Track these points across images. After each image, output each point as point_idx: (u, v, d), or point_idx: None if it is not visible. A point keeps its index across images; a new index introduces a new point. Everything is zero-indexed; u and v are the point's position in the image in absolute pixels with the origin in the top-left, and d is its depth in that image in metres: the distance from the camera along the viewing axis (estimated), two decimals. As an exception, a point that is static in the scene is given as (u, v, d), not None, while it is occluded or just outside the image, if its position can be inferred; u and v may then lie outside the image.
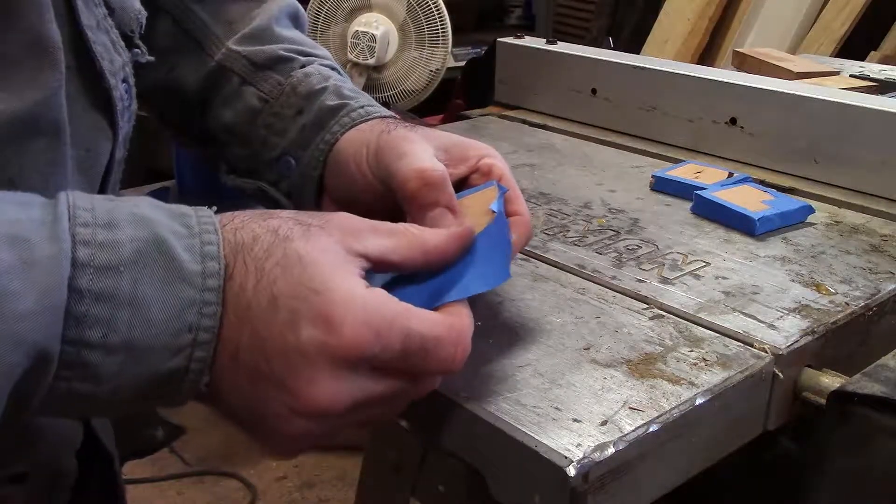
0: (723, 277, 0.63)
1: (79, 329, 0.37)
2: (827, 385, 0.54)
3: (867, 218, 0.76)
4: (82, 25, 0.48)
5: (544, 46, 1.08)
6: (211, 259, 0.39)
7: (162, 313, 0.38)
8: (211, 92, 0.65)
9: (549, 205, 0.78)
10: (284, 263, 0.40)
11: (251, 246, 0.41)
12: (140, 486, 2.08)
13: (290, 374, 0.40)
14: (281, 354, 0.40)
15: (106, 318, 0.37)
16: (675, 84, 0.94)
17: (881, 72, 1.20)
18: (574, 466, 0.42)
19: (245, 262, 0.40)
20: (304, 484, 2.13)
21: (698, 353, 0.53)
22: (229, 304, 0.40)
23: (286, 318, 0.40)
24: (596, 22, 2.86)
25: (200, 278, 0.39)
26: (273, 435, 0.43)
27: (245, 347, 0.40)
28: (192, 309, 0.39)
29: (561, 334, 0.55)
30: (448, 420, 0.49)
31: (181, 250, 0.39)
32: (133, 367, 0.38)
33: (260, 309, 0.40)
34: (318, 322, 0.39)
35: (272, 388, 0.40)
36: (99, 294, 0.37)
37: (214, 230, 0.40)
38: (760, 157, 0.87)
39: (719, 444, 0.52)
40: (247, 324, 0.40)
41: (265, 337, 0.40)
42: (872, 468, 0.52)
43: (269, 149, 0.62)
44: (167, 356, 0.39)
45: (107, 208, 0.39)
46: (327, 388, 0.40)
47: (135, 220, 0.39)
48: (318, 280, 0.40)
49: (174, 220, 0.40)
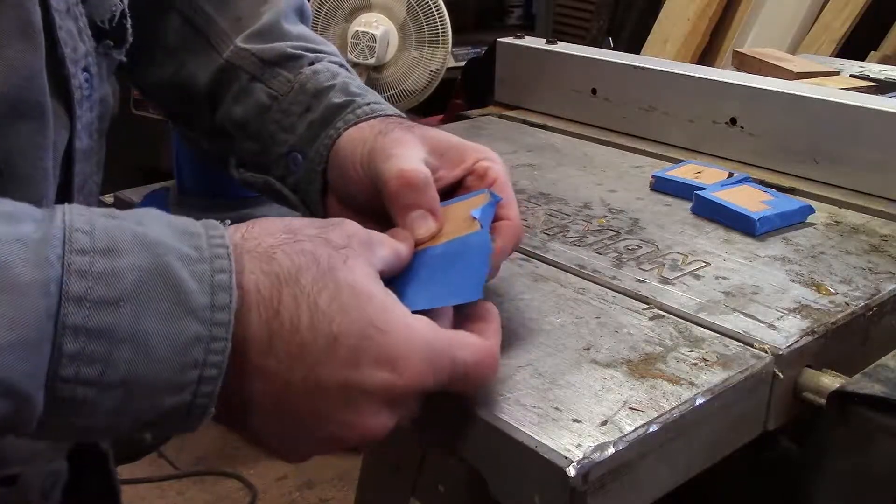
0: (723, 277, 0.63)
1: (74, 367, 0.34)
2: (827, 385, 0.53)
3: (867, 218, 0.76)
4: (52, 9, 0.47)
5: (544, 46, 1.08)
6: (222, 290, 0.37)
7: (165, 350, 0.36)
8: (220, 88, 0.65)
9: (549, 205, 0.78)
10: (340, 300, 0.39)
11: (296, 277, 0.39)
12: (140, 486, 2.08)
13: (350, 411, 0.40)
14: (342, 393, 0.39)
15: (103, 356, 0.35)
16: (675, 84, 0.94)
17: (881, 72, 1.20)
18: (574, 466, 0.42)
19: (296, 298, 0.39)
20: (304, 484, 2.13)
21: (698, 353, 0.53)
22: (279, 341, 0.38)
23: (348, 357, 0.39)
24: (596, 22, 2.86)
25: (209, 312, 0.37)
26: (295, 456, 0.43)
27: (297, 385, 0.39)
28: (198, 346, 0.36)
29: (561, 334, 0.55)
30: (448, 420, 0.49)
31: (189, 279, 0.36)
32: (132, 404, 0.36)
33: (317, 347, 0.39)
34: (384, 363, 0.40)
35: (320, 425, 0.40)
36: (95, 331, 0.34)
37: (227, 254, 0.38)
38: (760, 157, 0.87)
39: (719, 444, 0.52)
40: (300, 363, 0.39)
41: (323, 377, 0.39)
42: (872, 468, 0.52)
43: (278, 144, 0.62)
44: (169, 393, 0.37)
45: (107, 229, 0.36)
46: (384, 420, 0.41)
47: (137, 243, 0.36)
48: (379, 317, 0.40)
49: (182, 242, 0.38)
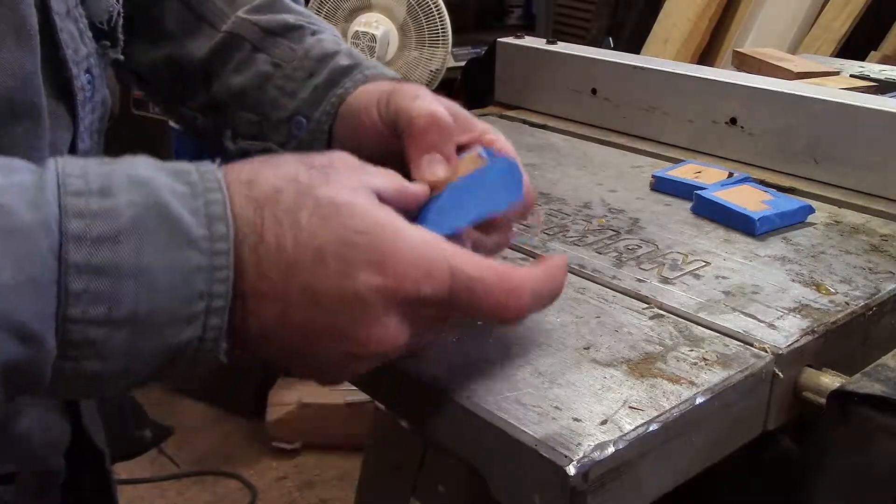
0: (723, 277, 0.63)
1: (80, 306, 0.35)
2: (827, 385, 0.54)
3: (867, 218, 0.76)
4: (52, 12, 0.48)
5: (544, 46, 1.08)
6: (218, 221, 0.37)
7: (169, 282, 0.36)
8: (218, 61, 0.65)
9: (549, 205, 0.78)
10: (320, 213, 0.39)
11: (276, 199, 0.39)
12: (140, 486, 2.08)
13: (351, 322, 0.39)
14: (339, 304, 0.39)
15: (109, 293, 0.35)
16: (675, 84, 0.94)
17: (881, 72, 1.20)
18: (574, 466, 0.42)
19: (277, 217, 0.39)
20: (304, 484, 2.13)
21: (698, 352, 0.53)
22: (268, 264, 0.38)
23: (337, 267, 0.39)
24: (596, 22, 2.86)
25: (208, 242, 0.37)
26: (328, 376, 0.43)
27: (296, 305, 0.39)
28: (200, 275, 0.37)
29: (561, 334, 0.55)
30: (448, 420, 0.49)
31: (185, 213, 0.37)
32: (142, 342, 0.36)
33: (307, 263, 0.39)
34: (373, 265, 0.39)
35: (331, 340, 0.40)
36: (99, 267, 0.35)
37: (219, 187, 0.38)
38: (760, 157, 0.87)
39: (719, 443, 0.52)
40: (294, 281, 0.39)
41: (318, 290, 0.39)
42: (872, 468, 0.52)
43: (280, 110, 0.62)
44: (178, 327, 0.37)
45: (100, 173, 0.37)
46: (389, 329, 0.40)
47: (131, 183, 0.37)
48: (361, 222, 0.40)
49: (175, 179, 0.38)
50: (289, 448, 2.22)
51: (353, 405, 2.14)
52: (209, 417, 2.35)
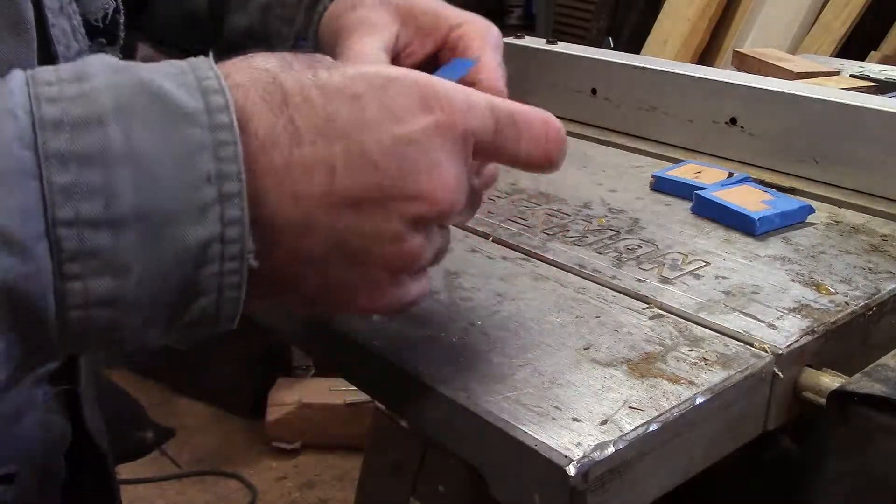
0: (723, 277, 0.63)
1: (71, 204, 0.30)
2: (827, 385, 0.54)
3: (867, 218, 0.76)
4: (45, 7, 0.47)
5: (544, 46, 1.08)
6: (214, 93, 0.33)
7: (169, 165, 0.31)
8: (220, 3, 0.65)
9: (549, 205, 0.78)
10: (340, 69, 0.35)
11: (284, 62, 0.35)
12: (140, 486, 2.08)
13: (409, 172, 0.35)
14: (392, 152, 0.34)
15: (102, 184, 0.30)
16: (675, 84, 0.94)
17: (881, 72, 1.20)
18: (574, 465, 0.42)
19: (296, 78, 0.34)
20: (304, 484, 2.13)
21: (698, 352, 0.53)
22: (303, 120, 0.34)
23: (382, 114, 0.35)
24: (596, 22, 2.86)
25: (206, 115, 0.32)
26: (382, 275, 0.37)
27: (343, 168, 0.34)
28: (203, 153, 0.32)
29: (561, 333, 0.55)
30: (448, 420, 0.49)
31: (174, 88, 0.32)
32: (154, 244, 0.31)
33: (346, 112, 0.34)
34: (418, 105, 0.35)
35: (385, 201, 0.35)
36: (84, 155, 0.30)
37: (209, 66, 0.34)
38: (760, 157, 0.87)
39: (719, 443, 0.52)
40: (337, 136, 0.34)
41: (366, 142, 0.34)
42: (872, 468, 0.52)
43: (284, 39, 0.61)
44: (191, 220, 0.32)
45: (73, 65, 0.32)
46: (450, 176, 0.36)
47: (110, 68, 0.32)
48: (387, 70, 0.36)
49: (159, 65, 0.34)
50: (289, 448, 2.22)
51: (353, 405, 2.14)
52: (209, 417, 2.35)
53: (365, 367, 0.55)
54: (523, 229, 0.72)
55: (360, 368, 0.56)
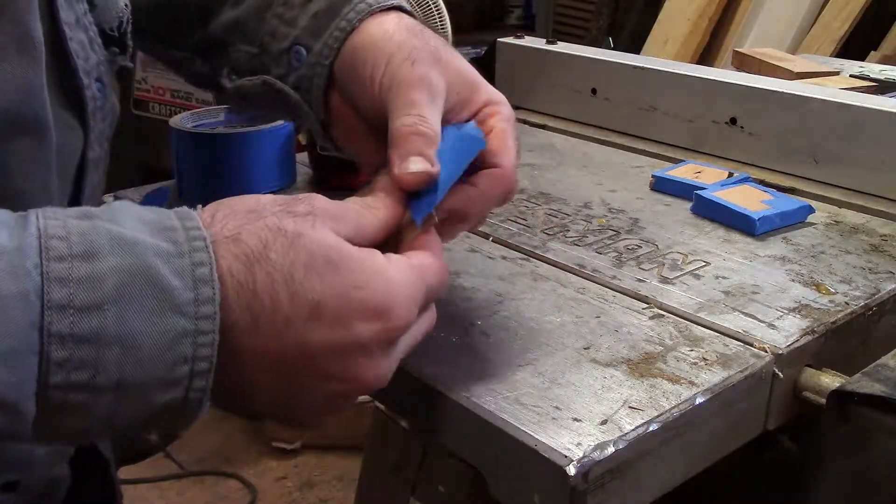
0: (723, 277, 0.63)
1: (63, 374, 0.34)
2: (827, 385, 0.54)
3: (867, 218, 0.76)
4: (61, 22, 0.47)
5: (544, 46, 1.08)
6: (204, 284, 0.37)
7: (154, 349, 0.36)
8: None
9: (549, 205, 0.78)
10: (315, 268, 0.39)
11: (265, 255, 0.39)
12: (140, 487, 2.08)
13: (349, 368, 0.41)
14: (338, 355, 0.40)
15: (92, 360, 0.35)
16: (675, 84, 0.94)
17: (881, 72, 1.20)
18: (574, 465, 0.42)
19: (270, 275, 0.39)
20: (304, 484, 2.12)
21: (698, 352, 0.53)
22: (263, 322, 0.38)
23: (334, 319, 0.39)
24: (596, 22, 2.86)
25: (193, 307, 0.36)
26: (316, 419, 0.44)
27: (291, 357, 0.40)
28: (186, 340, 0.36)
29: (561, 333, 0.55)
30: (448, 420, 0.49)
31: (170, 276, 0.36)
32: (125, 405, 0.36)
33: (302, 318, 0.39)
34: (372, 315, 0.40)
35: (324, 386, 0.41)
36: (82, 337, 0.34)
37: (205, 247, 0.38)
38: (760, 157, 0.87)
39: (719, 443, 0.52)
40: (289, 336, 0.39)
41: (314, 346, 0.39)
42: (872, 468, 0.52)
43: (279, 40, 0.59)
44: (162, 389, 0.37)
45: (82, 231, 0.36)
46: (385, 367, 0.42)
47: (115, 244, 0.36)
48: (356, 276, 0.40)
49: (159, 238, 0.37)
50: (289, 448, 2.21)
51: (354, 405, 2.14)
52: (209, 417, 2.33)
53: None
54: (523, 229, 0.72)
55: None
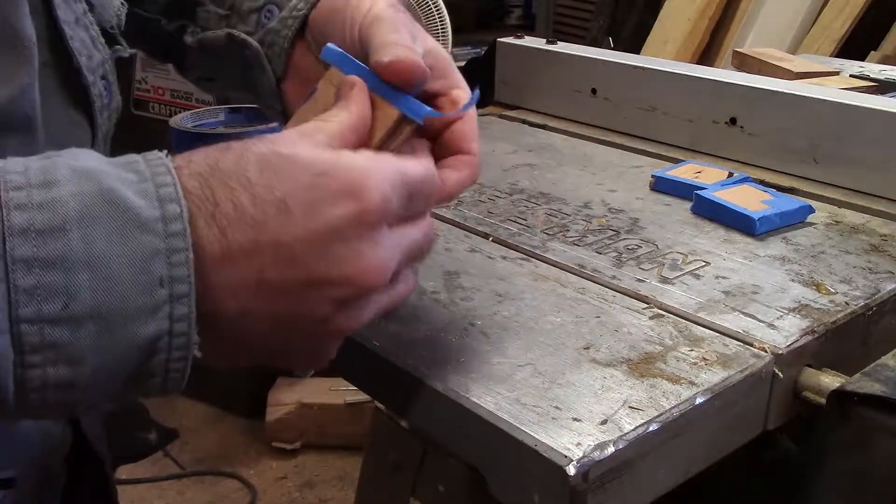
0: (723, 277, 0.63)
1: (33, 304, 0.33)
2: (827, 385, 0.54)
3: (867, 218, 0.76)
4: (59, 21, 0.47)
5: (544, 46, 1.08)
6: (170, 202, 0.36)
7: (125, 269, 0.34)
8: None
9: (549, 205, 0.78)
10: (269, 166, 0.38)
11: (216, 166, 0.38)
12: (140, 487, 2.08)
13: (333, 262, 0.38)
14: (316, 248, 0.38)
15: (62, 286, 0.33)
16: (675, 84, 0.94)
17: (881, 72, 1.20)
18: (574, 465, 0.42)
19: (226, 183, 0.37)
20: (304, 484, 2.13)
21: (698, 352, 0.53)
22: (231, 230, 0.37)
23: (305, 212, 0.37)
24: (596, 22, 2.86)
25: (161, 224, 0.35)
26: (317, 343, 0.41)
27: (271, 266, 0.37)
28: (158, 259, 0.35)
29: (561, 333, 0.55)
30: (448, 419, 0.49)
31: (134, 196, 0.35)
32: (108, 339, 0.34)
33: (270, 217, 0.37)
34: (343, 197, 0.38)
35: (316, 290, 0.38)
36: (47, 260, 0.33)
37: (167, 171, 0.37)
38: (760, 157, 0.87)
39: (719, 443, 0.52)
40: (263, 239, 0.37)
41: (291, 242, 0.37)
42: (872, 468, 0.52)
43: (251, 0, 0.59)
44: (143, 319, 0.35)
45: (42, 166, 0.35)
46: (375, 256, 0.39)
47: (76, 174, 0.35)
48: (314, 164, 0.39)
49: (121, 169, 0.36)
50: (289, 448, 2.21)
51: (353, 405, 2.14)
52: (209, 417, 2.35)
53: (365, 367, 0.55)
54: (523, 229, 0.72)
55: (360, 368, 0.56)
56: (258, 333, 0.39)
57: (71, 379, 0.35)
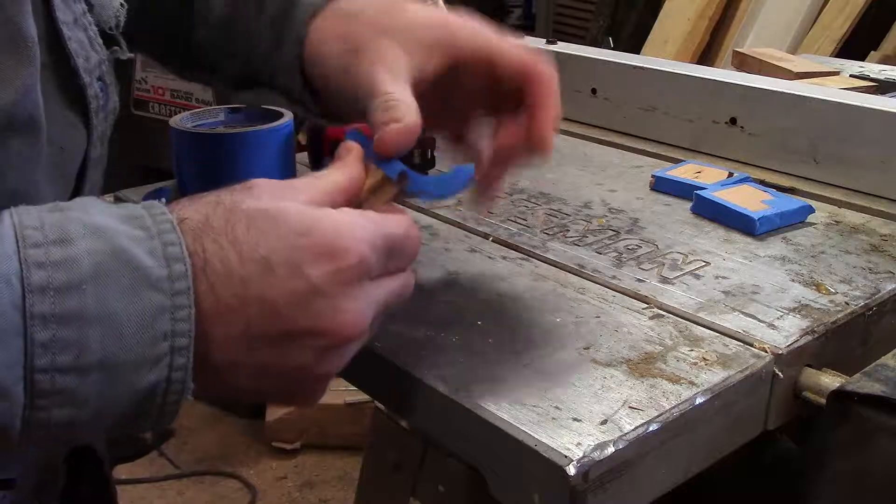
0: (723, 277, 0.63)
1: (48, 356, 0.35)
2: (827, 385, 0.54)
3: (867, 218, 0.76)
4: (58, 21, 0.47)
5: (544, 46, 1.08)
6: (176, 261, 0.38)
7: (133, 324, 0.37)
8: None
9: (549, 205, 0.78)
10: (255, 225, 0.40)
11: (208, 224, 0.40)
12: (140, 486, 2.08)
13: (315, 317, 0.40)
14: (298, 303, 0.40)
15: (76, 340, 0.36)
16: (675, 84, 0.94)
17: (881, 72, 1.20)
18: (574, 465, 0.42)
19: (216, 241, 0.40)
20: (304, 484, 2.13)
21: (698, 352, 0.53)
22: (220, 286, 0.39)
23: (287, 271, 0.40)
24: (596, 22, 2.86)
25: (168, 282, 0.38)
26: (308, 389, 0.44)
27: (256, 320, 0.40)
28: (163, 316, 0.37)
29: (561, 333, 0.55)
30: (448, 420, 0.49)
31: (143, 255, 0.38)
32: (111, 387, 0.37)
33: (256, 275, 0.39)
34: (322, 257, 0.40)
35: (298, 341, 0.41)
36: (64, 316, 0.35)
37: (172, 228, 0.39)
38: (760, 157, 0.87)
39: (719, 443, 0.52)
40: (248, 295, 0.39)
41: (275, 298, 0.40)
42: (872, 468, 0.52)
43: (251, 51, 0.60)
44: (145, 369, 0.37)
45: (55, 222, 0.37)
46: (353, 310, 0.41)
47: (88, 231, 0.37)
48: (298, 224, 0.41)
49: (129, 225, 0.39)
50: (289, 448, 2.21)
51: (353, 405, 2.14)
52: (209, 417, 2.35)
53: (365, 367, 0.55)
54: (523, 229, 0.72)
55: (360, 368, 0.56)
56: (246, 379, 0.42)
57: (73, 419, 0.37)
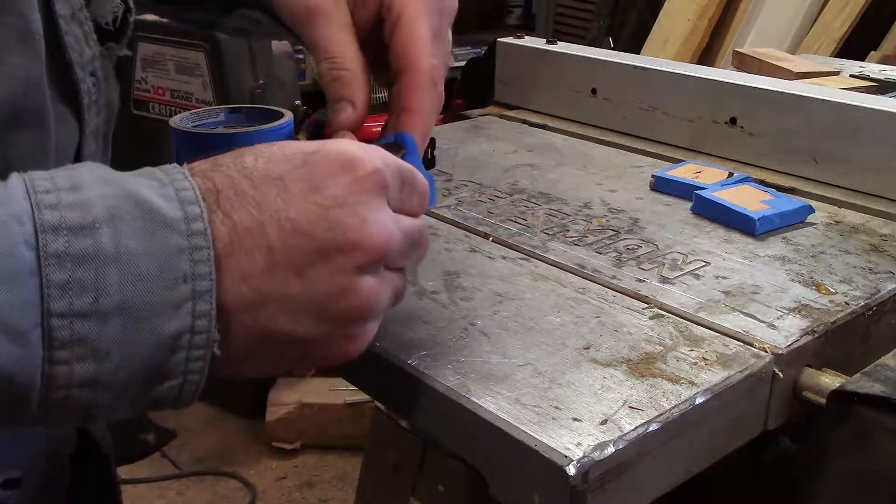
0: (723, 277, 0.63)
1: (65, 298, 0.34)
2: (827, 385, 0.54)
3: (867, 218, 0.76)
4: (56, 15, 0.47)
5: (544, 46, 1.08)
6: (190, 204, 0.37)
7: (151, 265, 0.35)
8: None
9: (549, 205, 0.78)
10: (263, 156, 0.40)
11: (216, 165, 0.40)
12: (140, 486, 2.08)
13: (338, 228, 0.39)
14: (319, 217, 0.39)
15: (93, 281, 0.34)
16: (675, 84, 0.94)
17: (881, 72, 1.20)
18: (574, 465, 0.42)
19: (227, 174, 0.39)
20: (304, 484, 2.13)
21: (698, 352, 0.53)
22: (236, 213, 0.38)
23: (303, 186, 0.39)
24: (596, 22, 2.86)
25: (184, 223, 0.36)
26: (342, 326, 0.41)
27: (278, 244, 0.38)
28: (182, 256, 0.36)
29: (561, 333, 0.55)
30: (448, 420, 0.49)
31: (157, 198, 0.37)
32: (133, 334, 0.35)
33: (273, 196, 0.38)
34: (337, 169, 0.40)
35: (326, 262, 0.39)
36: (79, 255, 0.34)
37: (184, 177, 0.38)
38: (760, 157, 0.87)
39: (719, 443, 0.52)
40: (268, 217, 0.38)
41: (294, 216, 0.38)
42: (872, 468, 0.52)
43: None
44: (167, 314, 0.36)
45: (67, 174, 0.37)
46: (378, 220, 0.40)
47: (100, 180, 0.37)
48: (306, 146, 0.40)
49: (140, 176, 0.38)
50: (289, 448, 2.22)
51: (353, 405, 2.14)
52: (209, 417, 2.35)
53: (365, 367, 0.55)
54: (523, 229, 0.72)
55: (360, 368, 0.56)
56: (276, 320, 0.39)
57: (95, 376, 0.35)
